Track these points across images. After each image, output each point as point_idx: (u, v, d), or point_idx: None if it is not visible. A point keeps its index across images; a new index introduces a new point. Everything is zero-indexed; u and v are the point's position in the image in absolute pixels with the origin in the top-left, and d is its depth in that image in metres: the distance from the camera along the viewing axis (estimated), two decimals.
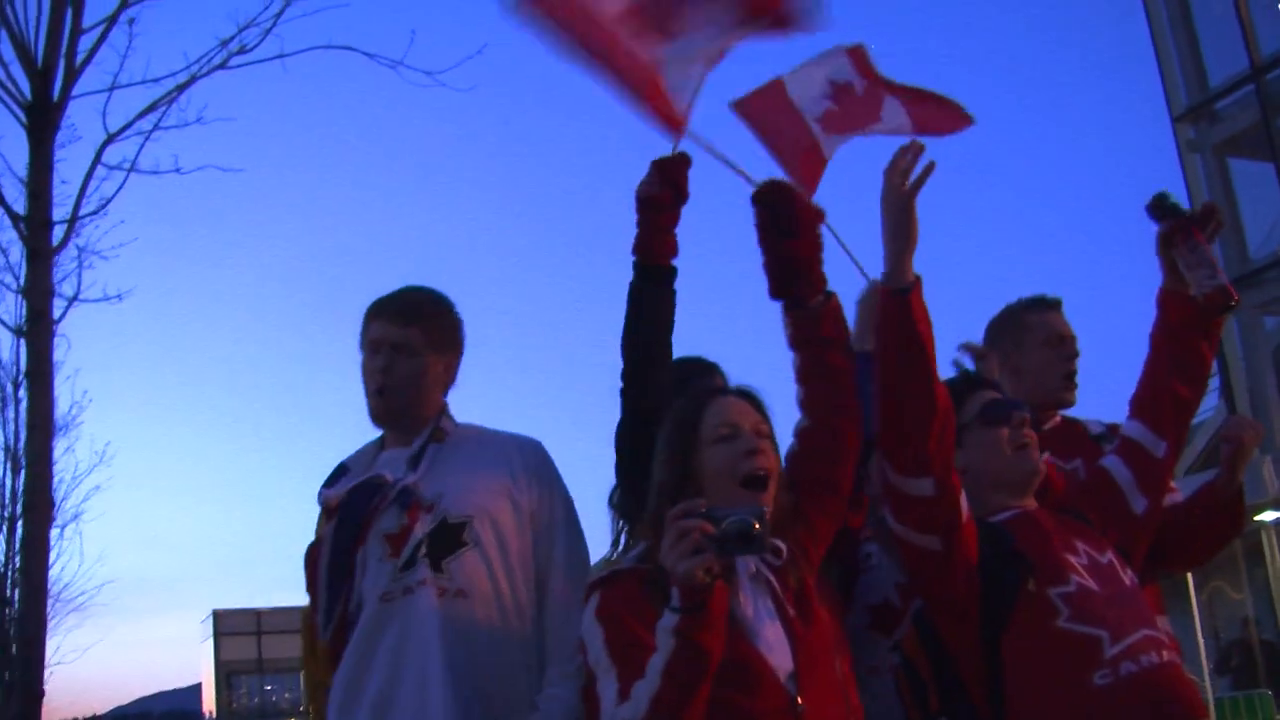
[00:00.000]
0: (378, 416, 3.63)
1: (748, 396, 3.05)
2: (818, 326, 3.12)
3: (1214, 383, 20.43)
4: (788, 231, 3.13)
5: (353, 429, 3.19)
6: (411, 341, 3.58)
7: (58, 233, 11.19)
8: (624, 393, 3.63)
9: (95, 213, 11.76)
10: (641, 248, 3.64)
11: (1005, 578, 3.04)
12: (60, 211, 11.30)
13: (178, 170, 12.42)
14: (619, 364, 3.63)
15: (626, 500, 3.64)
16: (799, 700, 2.73)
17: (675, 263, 3.64)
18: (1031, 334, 4.14)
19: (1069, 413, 4.21)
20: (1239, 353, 19.31)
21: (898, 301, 3.02)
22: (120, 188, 11.83)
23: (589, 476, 3.89)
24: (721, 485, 2.87)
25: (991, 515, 3.22)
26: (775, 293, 3.17)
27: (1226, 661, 18.16)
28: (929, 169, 3.04)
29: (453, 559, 3.44)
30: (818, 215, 3.17)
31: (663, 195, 3.60)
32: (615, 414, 3.64)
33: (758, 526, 2.48)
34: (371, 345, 3.58)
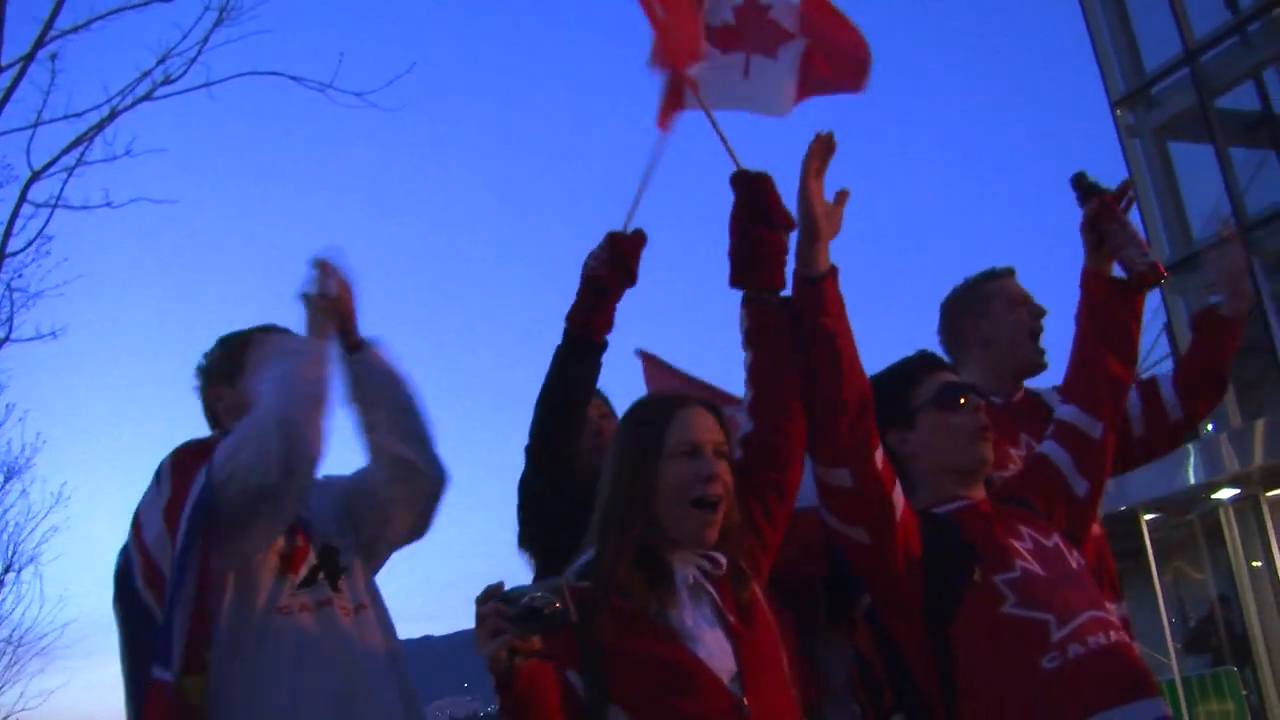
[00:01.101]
0: None
1: (713, 410, 3.02)
2: (774, 321, 3.10)
3: (1167, 365, 20.57)
4: (761, 219, 3.10)
5: None
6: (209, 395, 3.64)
7: None
8: (530, 450, 3.65)
9: (22, 250, 11.64)
10: (576, 320, 3.66)
11: (952, 570, 3.04)
12: None
13: (109, 205, 12.34)
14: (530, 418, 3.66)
15: (530, 545, 3.71)
16: (744, 701, 2.73)
17: (607, 338, 3.68)
18: (993, 301, 4.16)
19: (1031, 384, 4.20)
20: (1188, 333, 19.35)
21: (808, 291, 3.04)
22: (46, 223, 11.74)
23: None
24: (672, 502, 2.87)
25: (941, 505, 3.21)
26: (737, 280, 3.16)
27: (1205, 640, 18.25)
28: (820, 151, 3.06)
29: (344, 579, 3.49)
30: (791, 220, 3.12)
31: (611, 277, 3.64)
32: None
33: (557, 605, 2.48)
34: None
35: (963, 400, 3.26)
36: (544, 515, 3.64)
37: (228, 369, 3.58)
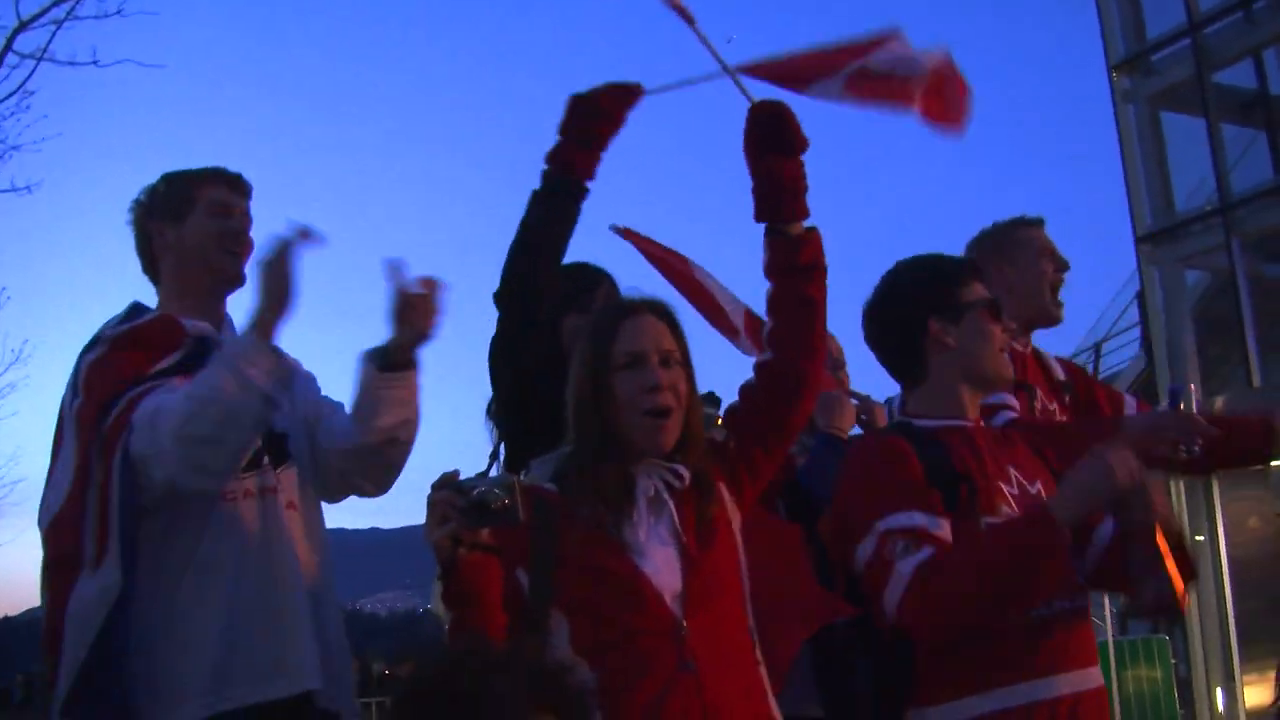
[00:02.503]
0: (225, 280, 3.56)
1: (659, 312, 3.00)
2: (797, 253, 3.09)
3: (1134, 333, 20.68)
4: (781, 150, 3.08)
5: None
6: (249, 216, 3.60)
7: None
8: (496, 295, 3.55)
9: (3, 100, 11.44)
10: (556, 159, 3.56)
11: (943, 489, 3.06)
12: None
13: (95, 63, 12.11)
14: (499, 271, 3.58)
15: (501, 412, 3.64)
16: (684, 623, 2.75)
17: (588, 184, 3.58)
18: (1025, 249, 4.22)
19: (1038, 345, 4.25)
20: (1160, 305, 19.49)
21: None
22: (29, 76, 11.52)
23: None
24: (627, 414, 2.88)
25: (937, 418, 3.22)
26: (760, 214, 3.14)
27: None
28: None
29: (284, 470, 3.49)
30: (805, 142, 3.15)
31: (609, 105, 3.55)
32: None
33: (506, 502, 2.50)
34: (223, 208, 3.52)
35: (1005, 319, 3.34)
36: (506, 371, 3.59)
37: (175, 206, 3.53)
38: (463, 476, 2.62)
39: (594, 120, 3.54)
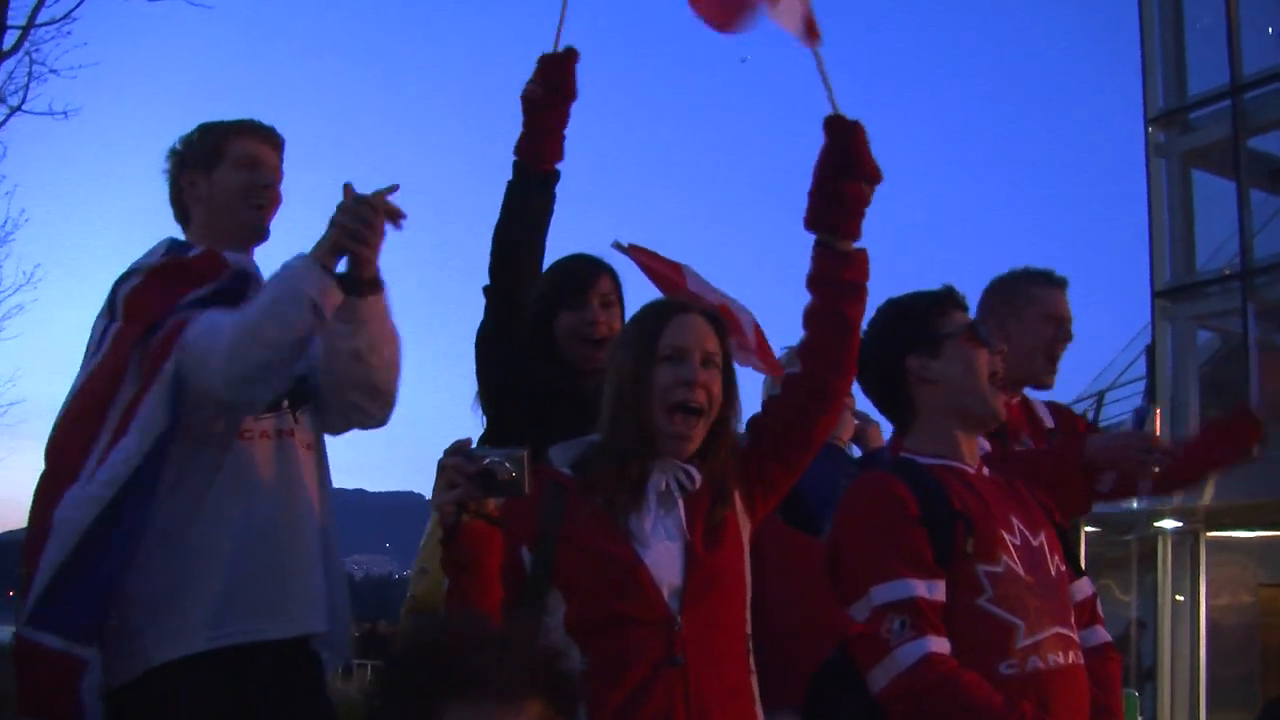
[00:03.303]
0: (249, 232, 3.53)
1: (709, 316, 3.02)
2: (841, 269, 3.06)
3: (1139, 385, 20.64)
4: (849, 171, 3.04)
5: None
6: (280, 170, 3.58)
7: (10, 38, 10.87)
8: (488, 290, 3.59)
9: (51, 23, 11.44)
10: (523, 149, 3.58)
11: (941, 535, 3.00)
12: (16, 16, 10.97)
13: None
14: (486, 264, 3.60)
15: (488, 401, 3.66)
16: (678, 617, 2.75)
17: (558, 167, 3.59)
18: (1034, 307, 4.13)
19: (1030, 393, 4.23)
20: (1169, 360, 19.48)
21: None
22: (78, 3, 11.49)
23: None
24: (657, 406, 2.88)
25: (931, 456, 3.18)
26: (812, 223, 3.09)
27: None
28: None
29: (302, 412, 3.46)
30: (878, 174, 3.07)
31: (548, 97, 3.56)
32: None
33: (514, 474, 2.53)
34: (250, 161, 3.51)
35: (993, 342, 3.26)
36: (490, 361, 3.61)
37: (205, 157, 3.52)
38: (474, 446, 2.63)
39: (548, 108, 3.60)
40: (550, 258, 3.72)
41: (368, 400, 3.43)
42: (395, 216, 3.17)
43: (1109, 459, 3.48)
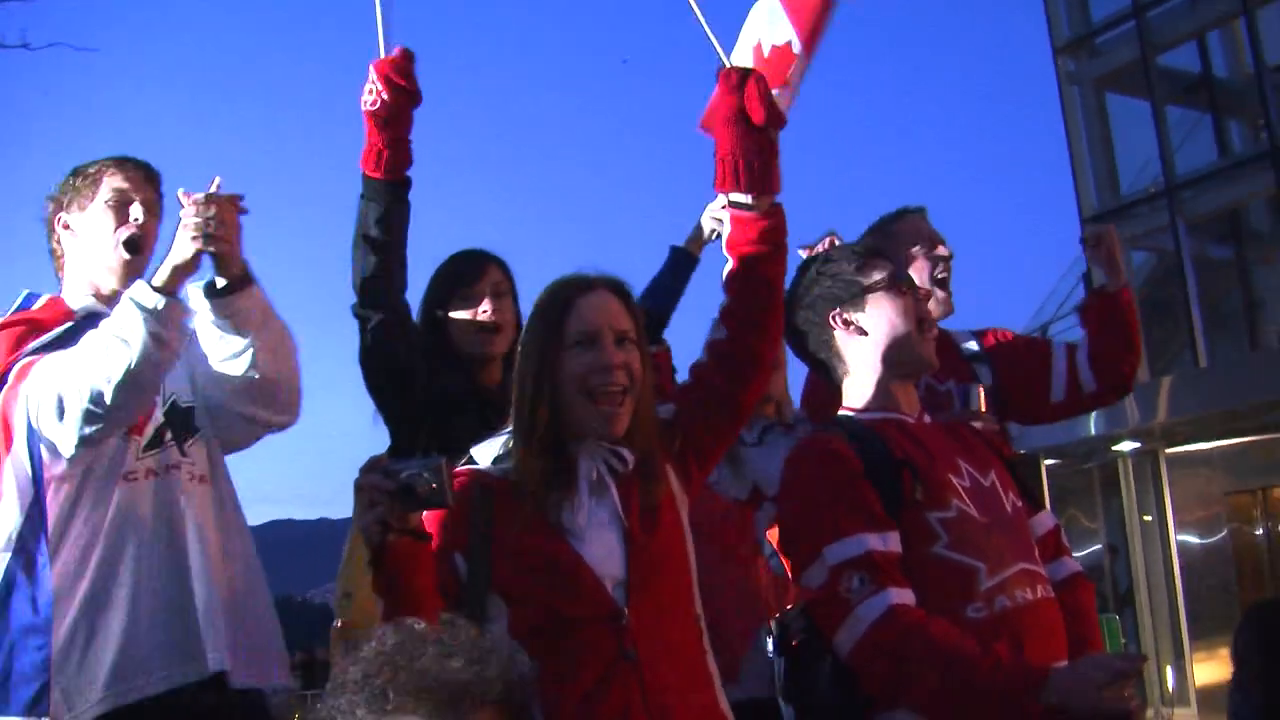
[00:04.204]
0: (120, 277, 3.35)
1: (615, 289, 2.87)
2: (759, 230, 2.94)
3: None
4: (753, 123, 2.93)
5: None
6: (158, 206, 3.42)
7: None
8: (354, 309, 3.49)
9: None
10: (369, 160, 3.45)
11: (885, 489, 2.91)
12: None
13: (26, 46, 11.82)
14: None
15: (389, 418, 3.56)
16: (625, 610, 2.64)
17: (409, 175, 3.47)
18: (900, 241, 4.04)
19: (946, 325, 4.14)
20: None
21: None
22: None
23: None
24: (572, 395, 2.74)
25: (867, 411, 3.10)
26: (722, 184, 2.97)
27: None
28: None
29: (191, 443, 3.34)
30: (781, 119, 2.95)
31: (392, 102, 3.40)
32: None
33: (434, 485, 2.43)
34: (119, 198, 3.36)
35: (916, 288, 3.19)
36: (379, 379, 3.52)
37: (75, 198, 3.40)
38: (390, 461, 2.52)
39: (395, 117, 3.44)
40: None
41: (266, 404, 3.36)
42: (236, 203, 3.09)
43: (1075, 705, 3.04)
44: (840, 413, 3.14)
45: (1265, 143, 18.39)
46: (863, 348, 3.11)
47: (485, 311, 3.60)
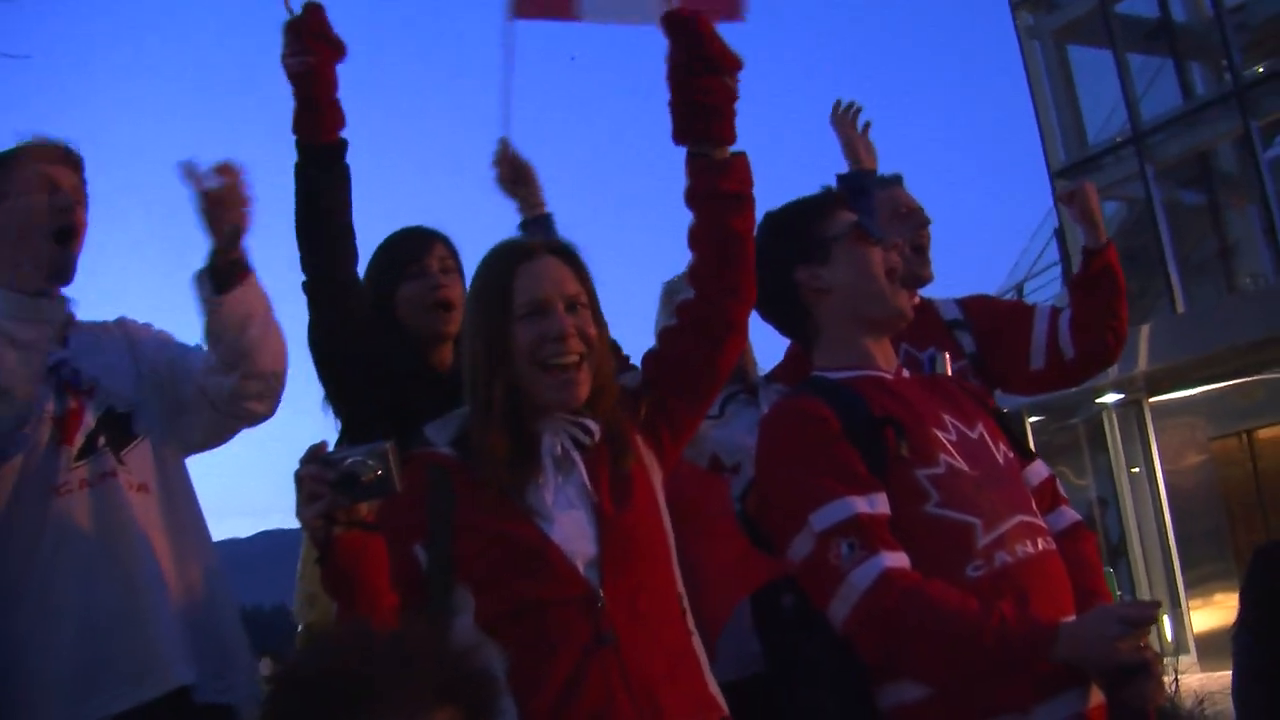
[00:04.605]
0: (48, 268, 3.13)
1: (564, 254, 2.70)
2: (720, 179, 2.76)
3: (1056, 271, 20.81)
4: (704, 66, 2.74)
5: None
6: (83, 191, 3.20)
7: None
8: (308, 286, 3.29)
9: None
10: (302, 125, 3.25)
11: (868, 447, 2.75)
12: None
13: None
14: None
15: (340, 398, 3.38)
16: (600, 591, 2.48)
17: (343, 135, 3.28)
18: (880, 212, 3.92)
19: (926, 293, 4.03)
20: (1080, 238, 19.59)
21: None
22: None
23: None
24: (526, 368, 2.58)
25: (841, 370, 2.93)
26: (679, 135, 2.80)
27: None
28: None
29: (130, 450, 3.13)
30: (736, 62, 2.77)
31: (316, 61, 3.22)
32: None
33: (380, 472, 2.25)
34: (42, 180, 3.12)
35: (884, 237, 3.02)
36: (329, 360, 3.33)
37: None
38: (332, 448, 2.34)
39: (316, 75, 3.24)
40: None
41: (264, 394, 3.20)
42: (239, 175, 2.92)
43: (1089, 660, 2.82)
44: (813, 375, 2.98)
45: (1229, 84, 18.42)
46: (830, 304, 2.94)
47: (435, 288, 3.42)
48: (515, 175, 3.78)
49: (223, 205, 2.90)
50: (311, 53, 3.21)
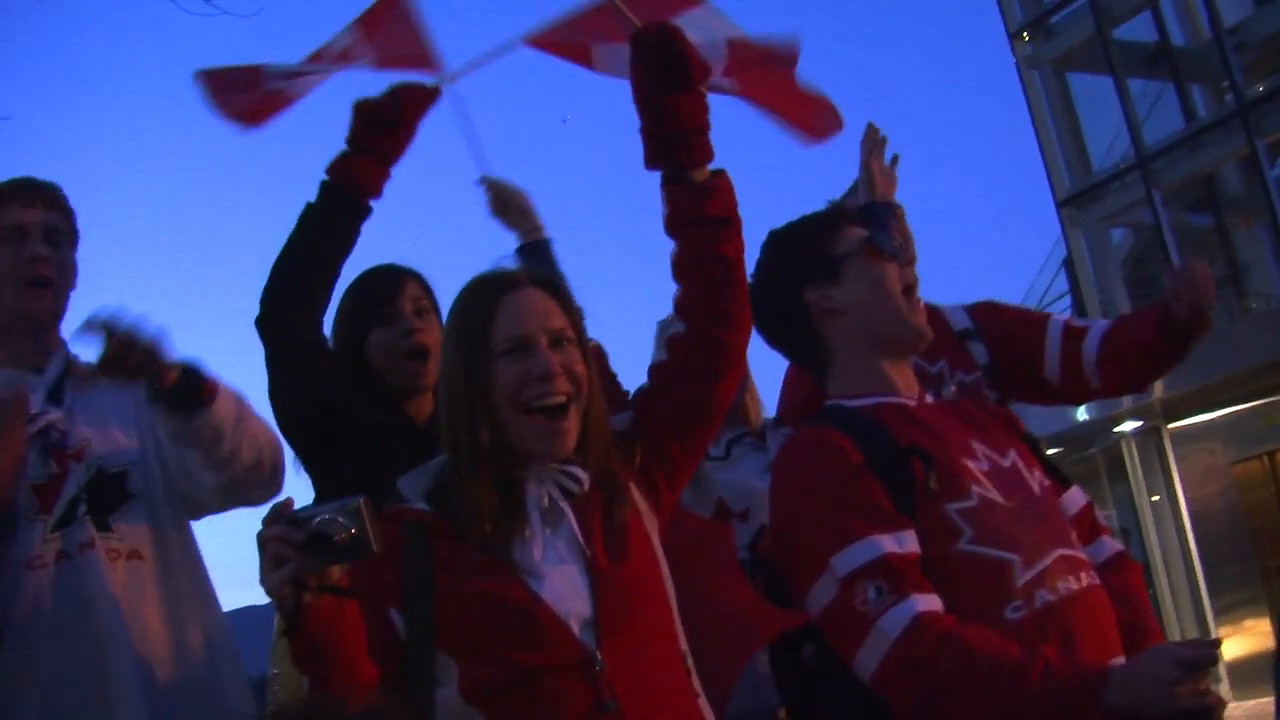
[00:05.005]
0: (31, 316, 2.97)
1: (547, 286, 2.49)
2: (702, 204, 2.55)
3: (1066, 302, 20.68)
4: (675, 83, 2.53)
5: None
6: (64, 229, 3.01)
7: None
8: (263, 324, 3.04)
9: None
10: (341, 171, 3.10)
11: (893, 480, 2.54)
12: None
13: None
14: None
15: (305, 461, 3.11)
16: (598, 654, 2.24)
17: (373, 204, 3.11)
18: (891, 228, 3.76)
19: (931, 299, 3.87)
20: (1089, 267, 19.49)
21: None
22: None
23: None
24: (509, 411, 2.35)
25: (858, 397, 2.71)
26: (653, 159, 2.60)
27: None
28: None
29: (119, 515, 2.91)
30: (706, 71, 2.60)
31: (394, 116, 3.10)
32: None
33: (353, 531, 2.04)
34: (11, 230, 2.94)
35: (898, 253, 2.82)
36: (292, 417, 3.08)
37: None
38: (299, 505, 2.12)
39: (387, 132, 3.11)
40: None
41: (249, 494, 3.02)
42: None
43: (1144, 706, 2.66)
44: (828, 403, 2.79)
45: (1231, 104, 18.31)
46: (844, 326, 2.74)
47: (408, 333, 3.19)
48: (504, 205, 3.60)
49: (132, 352, 2.65)
50: (404, 114, 3.11)
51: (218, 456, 2.87)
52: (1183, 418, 17.66)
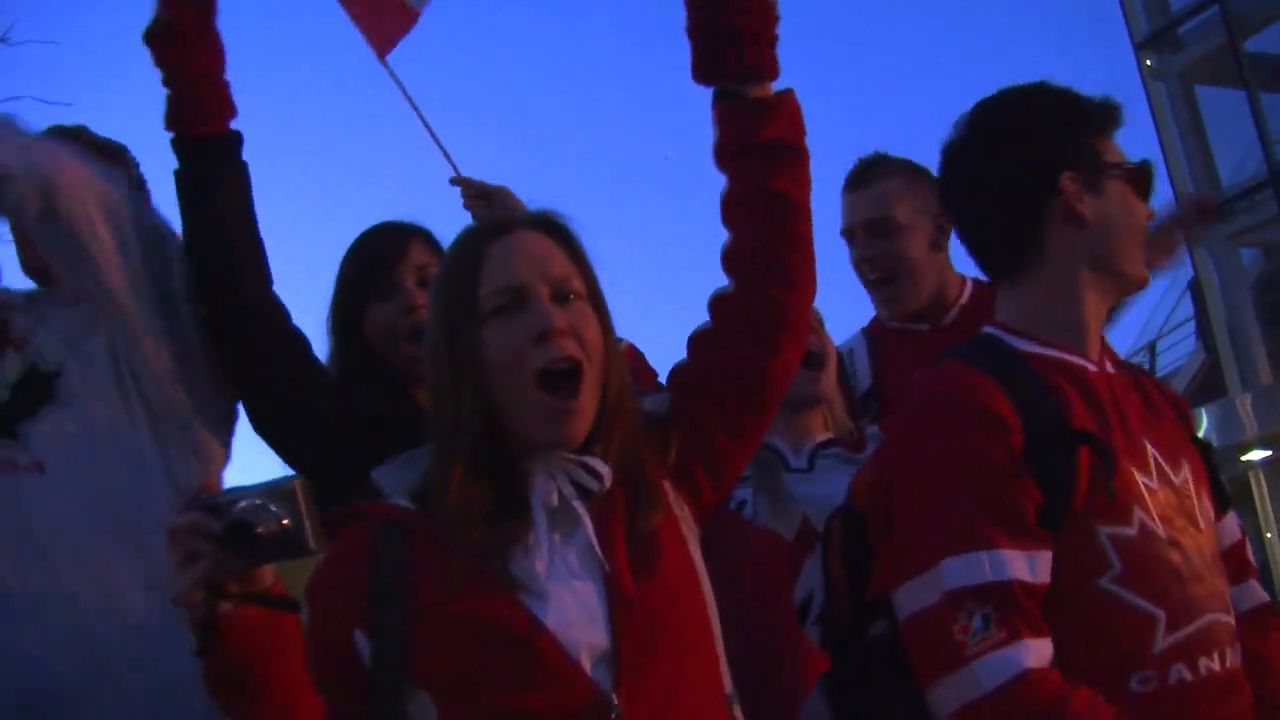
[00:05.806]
0: None
1: (544, 226, 2.00)
2: (761, 126, 2.07)
3: (1190, 328, 20.16)
4: None
5: None
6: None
7: None
8: (225, 324, 2.60)
9: None
10: (175, 118, 2.59)
11: (1051, 467, 2.03)
12: None
13: None
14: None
15: (313, 467, 2.50)
16: (614, 698, 1.76)
17: (234, 125, 2.61)
18: None
19: None
20: (1216, 287, 18.94)
21: None
22: None
23: None
24: (509, 383, 1.88)
25: (1028, 337, 2.20)
26: (702, 71, 2.13)
27: None
28: None
29: (36, 420, 2.51)
30: None
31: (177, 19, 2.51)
32: None
33: (285, 521, 1.61)
34: None
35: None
36: (281, 422, 2.66)
37: None
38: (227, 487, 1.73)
39: (192, 48, 2.53)
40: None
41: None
42: None
43: None
44: (987, 329, 2.25)
45: None
46: (1077, 239, 2.20)
47: (409, 310, 2.76)
48: (486, 201, 3.21)
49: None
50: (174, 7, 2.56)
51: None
52: None
